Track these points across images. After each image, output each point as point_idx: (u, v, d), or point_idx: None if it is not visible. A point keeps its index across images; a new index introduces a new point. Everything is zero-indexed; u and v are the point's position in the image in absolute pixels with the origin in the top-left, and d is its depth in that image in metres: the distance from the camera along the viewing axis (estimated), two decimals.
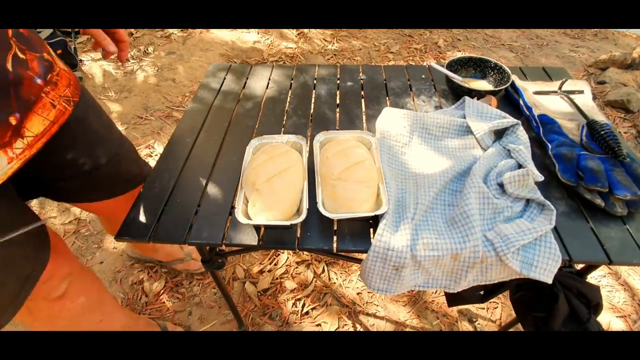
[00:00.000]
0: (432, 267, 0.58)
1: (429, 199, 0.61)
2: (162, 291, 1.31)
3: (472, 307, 1.29)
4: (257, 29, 2.64)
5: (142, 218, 0.62)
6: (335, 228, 0.61)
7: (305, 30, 2.75)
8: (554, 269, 0.56)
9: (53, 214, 1.51)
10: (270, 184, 0.59)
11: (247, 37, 2.55)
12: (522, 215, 0.60)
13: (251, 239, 0.59)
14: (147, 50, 2.19)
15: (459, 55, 2.30)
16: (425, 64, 0.98)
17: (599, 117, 0.75)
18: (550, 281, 0.56)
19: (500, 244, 0.55)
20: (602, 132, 0.67)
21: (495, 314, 1.27)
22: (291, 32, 2.71)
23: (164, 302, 1.29)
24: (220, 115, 0.86)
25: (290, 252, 1.44)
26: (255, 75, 0.99)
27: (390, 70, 0.98)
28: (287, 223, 0.56)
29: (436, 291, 1.33)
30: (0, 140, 0.50)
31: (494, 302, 1.30)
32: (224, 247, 0.59)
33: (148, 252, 1.30)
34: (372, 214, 0.58)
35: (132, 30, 2.28)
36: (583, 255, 0.57)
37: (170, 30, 2.33)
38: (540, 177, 0.62)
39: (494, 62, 0.88)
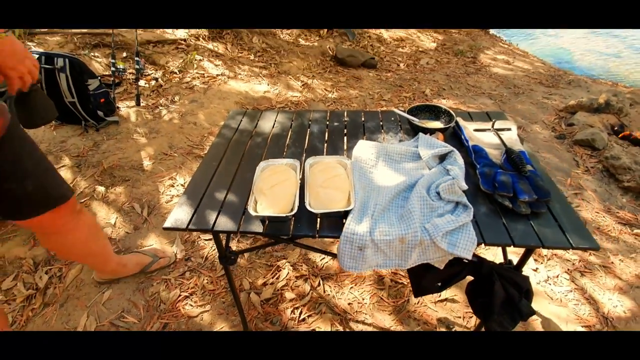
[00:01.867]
0: (387, 248, 0.80)
1: (385, 202, 0.86)
2: (177, 299, 1.51)
3: (450, 316, 1.45)
4: (267, 80, 3.06)
5: (181, 216, 0.88)
6: (318, 222, 0.85)
7: (309, 82, 3.17)
8: (471, 248, 0.78)
9: None
10: (273, 190, 0.85)
11: (259, 88, 2.96)
12: (452, 212, 0.84)
13: (258, 228, 0.84)
14: (174, 99, 2.58)
15: (443, 101, 2.66)
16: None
17: (517, 146, 1.01)
18: (469, 257, 0.78)
19: (433, 231, 0.78)
20: (513, 156, 0.92)
21: (471, 322, 1.42)
22: (296, 83, 3.13)
23: (179, 309, 1.48)
24: (237, 147, 1.15)
25: (291, 267, 1.64)
26: (264, 118, 1.29)
27: (368, 115, 1.27)
28: (284, 215, 0.81)
29: (418, 301, 1.50)
30: None
31: (469, 312, 1.46)
32: (235, 247, 0.82)
33: (119, 273, 1.51)
34: (344, 209, 0.82)
35: (162, 82, 2.70)
36: (494, 240, 0.80)
37: (194, 82, 2.75)
38: (465, 187, 0.87)
39: (444, 108, 1.17)
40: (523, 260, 0.96)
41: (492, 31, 6.27)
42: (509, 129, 1.10)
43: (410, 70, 3.61)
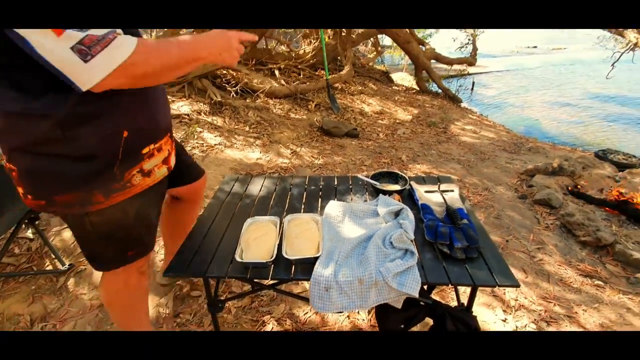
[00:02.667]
0: (348, 289, 0.97)
1: (348, 250, 1.05)
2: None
3: None
4: (260, 149, 3.41)
5: (179, 264, 1.05)
6: (293, 268, 1.03)
7: (298, 150, 3.53)
8: (416, 287, 0.96)
9: None
10: (256, 241, 1.04)
11: (252, 155, 3.29)
12: (402, 258, 1.03)
13: (243, 273, 1.01)
14: None
15: (418, 166, 2.98)
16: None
17: (457, 204, 1.25)
18: (416, 295, 0.95)
19: (385, 272, 0.97)
20: (451, 212, 1.15)
21: None
22: (286, 151, 3.48)
23: None
24: (229, 207, 1.36)
25: (275, 322, 1.73)
26: (253, 183, 1.53)
27: (340, 179, 1.52)
28: (264, 261, 0.99)
29: None
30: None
31: None
32: (223, 296, 0.97)
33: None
34: (313, 256, 1.01)
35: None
36: (435, 280, 0.98)
37: (194, 151, 3.07)
38: (412, 237, 1.07)
39: (401, 174, 1.43)
40: (471, 302, 1.12)
41: (463, 104, 7.04)
42: (452, 190, 1.35)
43: (389, 139, 4.04)
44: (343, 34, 6.11)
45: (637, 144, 7.50)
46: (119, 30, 0.73)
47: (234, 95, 4.27)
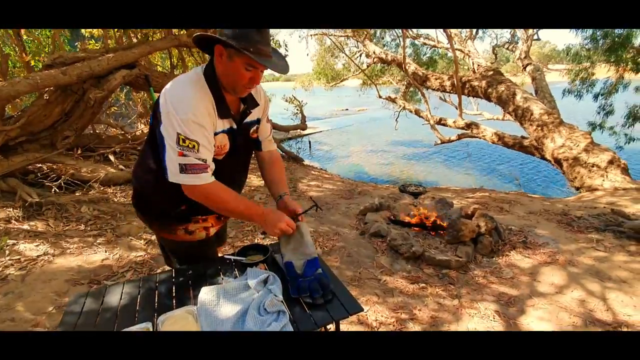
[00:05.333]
0: None
1: (229, 328, 1.15)
2: None
3: None
4: (104, 247, 2.99)
5: None
6: None
7: (153, 238, 3.27)
8: None
9: None
10: None
11: (94, 258, 2.84)
12: (276, 320, 1.21)
13: None
14: None
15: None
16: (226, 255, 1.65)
17: (314, 254, 1.55)
18: None
19: None
20: (308, 264, 1.43)
21: None
22: (139, 242, 3.17)
23: None
24: (84, 329, 1.22)
25: None
26: (110, 293, 1.42)
27: (207, 264, 1.61)
28: None
29: None
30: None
31: None
32: None
33: None
34: None
35: None
36: (305, 328, 1.20)
37: (7, 272, 2.41)
38: (281, 298, 1.28)
39: (263, 245, 1.65)
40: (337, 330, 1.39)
41: (305, 162, 8.15)
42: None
43: None
44: None
45: (422, 174, 10.49)
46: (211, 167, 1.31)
47: (57, 190, 3.64)
